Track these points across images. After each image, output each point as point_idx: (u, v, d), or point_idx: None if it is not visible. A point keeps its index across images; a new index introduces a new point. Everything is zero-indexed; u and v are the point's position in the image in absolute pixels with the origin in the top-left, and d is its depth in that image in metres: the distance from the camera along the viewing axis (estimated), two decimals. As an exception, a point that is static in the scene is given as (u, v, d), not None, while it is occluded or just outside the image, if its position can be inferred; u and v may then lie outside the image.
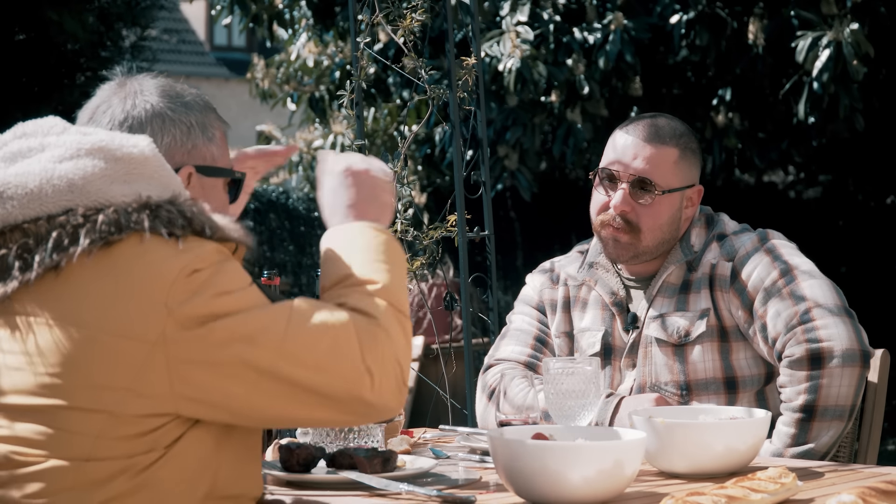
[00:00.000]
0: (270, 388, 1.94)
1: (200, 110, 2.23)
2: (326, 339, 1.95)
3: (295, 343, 1.94)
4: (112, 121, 2.17)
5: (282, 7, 9.26)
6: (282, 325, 1.94)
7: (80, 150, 2.00)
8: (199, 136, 2.21)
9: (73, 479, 1.89)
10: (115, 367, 1.89)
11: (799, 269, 2.99)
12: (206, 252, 1.97)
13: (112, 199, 1.97)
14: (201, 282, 1.93)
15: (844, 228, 11.59)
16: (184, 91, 2.23)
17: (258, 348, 1.92)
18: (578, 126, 8.15)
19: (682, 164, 3.09)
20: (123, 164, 2.00)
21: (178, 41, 24.24)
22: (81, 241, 1.92)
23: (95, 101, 2.21)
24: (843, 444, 3.00)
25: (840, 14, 7.34)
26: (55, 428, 1.89)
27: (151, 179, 2.01)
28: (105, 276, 1.93)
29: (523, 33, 7.70)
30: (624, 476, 2.23)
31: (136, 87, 2.21)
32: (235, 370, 1.92)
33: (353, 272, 2.06)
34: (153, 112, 2.18)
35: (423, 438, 3.01)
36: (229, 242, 2.03)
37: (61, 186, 1.96)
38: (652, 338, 3.07)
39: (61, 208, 1.96)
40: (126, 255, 1.94)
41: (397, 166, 3.92)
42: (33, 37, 7.97)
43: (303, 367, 1.94)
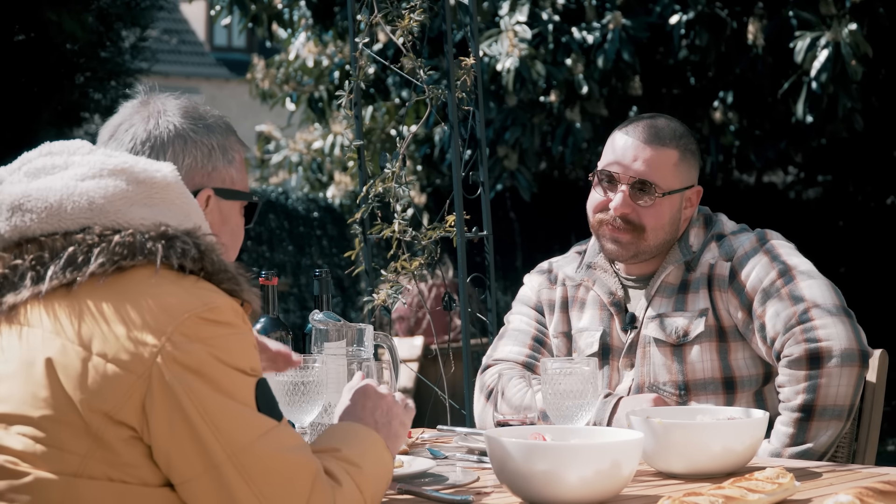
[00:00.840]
0: (206, 487, 1.89)
1: (222, 133, 2.23)
2: (285, 474, 1.92)
3: (253, 458, 1.90)
4: (134, 139, 2.17)
5: (281, 7, 9.26)
6: (253, 436, 1.91)
7: (102, 170, 2.00)
8: (219, 158, 2.22)
9: (62, 495, 1.87)
10: (102, 391, 1.87)
11: (797, 270, 2.99)
12: (217, 304, 1.94)
13: (131, 221, 1.97)
14: (205, 335, 1.91)
15: (844, 229, 11.60)
16: (206, 113, 2.24)
17: (217, 441, 1.88)
18: (577, 126, 8.15)
19: (681, 166, 3.09)
20: (145, 187, 2.00)
21: (178, 42, 24.24)
22: (94, 261, 1.92)
23: (117, 119, 2.22)
24: (842, 445, 3.00)
25: (839, 14, 7.34)
26: (45, 442, 1.88)
27: (172, 206, 2.01)
28: (111, 301, 1.91)
29: (522, 33, 7.70)
30: (621, 476, 2.23)
31: (160, 107, 2.21)
32: (187, 447, 1.88)
33: (344, 450, 2.05)
34: (176, 133, 2.18)
35: (420, 439, 3.01)
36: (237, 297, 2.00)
37: (81, 204, 1.96)
38: (650, 338, 3.06)
39: (79, 226, 1.96)
40: (135, 284, 1.93)
41: (396, 166, 3.92)
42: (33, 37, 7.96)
43: (247, 485, 1.90)
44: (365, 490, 2.02)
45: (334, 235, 12.67)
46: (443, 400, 3.95)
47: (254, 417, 1.92)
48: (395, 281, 3.93)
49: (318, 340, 2.72)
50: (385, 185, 3.94)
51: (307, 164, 10.79)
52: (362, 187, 4.03)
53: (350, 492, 1.99)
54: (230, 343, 1.93)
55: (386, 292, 3.91)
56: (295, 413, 2.52)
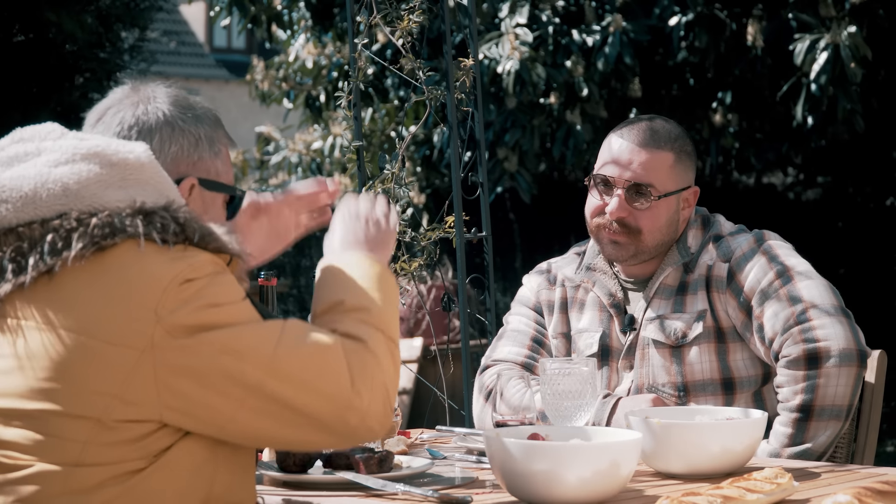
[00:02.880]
0: (256, 406, 1.93)
1: (210, 124, 2.22)
2: (316, 360, 1.95)
3: (284, 362, 1.94)
4: (122, 124, 2.16)
5: (280, 8, 9.26)
6: (272, 342, 1.94)
7: (75, 155, 2.00)
8: (205, 149, 2.21)
9: (62, 485, 1.88)
10: (103, 372, 1.89)
11: (795, 270, 2.99)
12: (199, 262, 1.97)
13: (106, 204, 1.97)
14: (193, 291, 1.93)
15: (844, 230, 11.60)
16: (196, 104, 2.23)
17: (246, 364, 1.92)
18: (578, 127, 8.15)
19: (677, 168, 3.09)
20: (119, 169, 2.00)
21: (178, 43, 24.24)
22: (74, 245, 1.92)
23: (106, 104, 2.21)
24: (840, 445, 3.00)
25: (838, 16, 7.34)
26: (44, 433, 1.89)
27: (147, 185, 2.01)
28: (97, 282, 1.92)
29: (522, 35, 7.70)
30: (620, 476, 2.23)
31: (150, 94, 2.20)
32: (222, 384, 1.92)
33: (346, 299, 2.07)
34: (164, 120, 2.17)
35: (420, 439, 3.01)
36: (224, 254, 2.02)
37: (56, 191, 1.96)
38: (649, 339, 3.07)
39: (55, 212, 1.96)
40: (119, 261, 1.94)
41: (395, 167, 3.92)
42: (32, 38, 7.96)
43: (290, 386, 1.93)
44: (385, 327, 2.05)
45: (334, 236, 12.64)
46: (442, 401, 3.95)
47: (264, 327, 1.96)
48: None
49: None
50: (384, 186, 3.94)
51: (306, 165, 10.78)
52: (361, 188, 4.03)
53: (375, 341, 2.02)
54: (217, 287, 1.95)
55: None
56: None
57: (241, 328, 1.94)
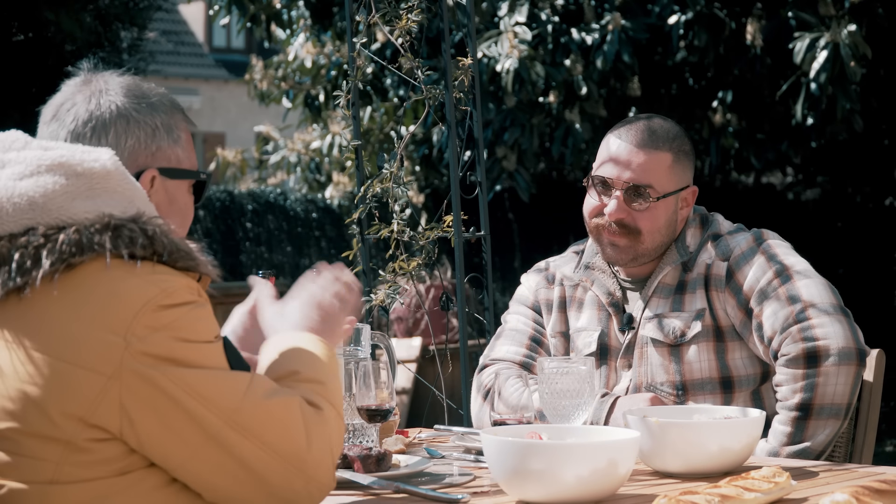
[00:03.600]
0: (210, 456, 1.90)
1: (166, 111, 2.18)
2: (278, 418, 1.93)
3: (247, 415, 1.91)
4: (76, 120, 2.12)
5: (280, 7, 9.26)
6: (238, 393, 1.92)
7: (40, 167, 1.95)
8: (164, 137, 2.17)
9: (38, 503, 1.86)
10: (71, 396, 1.85)
11: (794, 269, 2.99)
12: (175, 287, 1.93)
13: (74, 216, 1.93)
14: (167, 322, 1.90)
15: (843, 230, 11.60)
16: (150, 91, 2.19)
17: (209, 411, 1.89)
18: (577, 126, 8.15)
19: (676, 168, 3.08)
20: (85, 179, 1.96)
21: (177, 43, 24.24)
22: (43, 264, 1.88)
23: (59, 98, 2.16)
24: (839, 444, 3.00)
25: (838, 15, 7.33)
26: (16, 453, 1.86)
27: (114, 194, 1.97)
28: (67, 301, 1.89)
29: (521, 34, 7.70)
30: (618, 475, 2.23)
31: (102, 86, 2.16)
32: (181, 427, 1.89)
33: (302, 370, 2.06)
34: (118, 113, 2.13)
35: (417, 438, 3.01)
36: (193, 272, 1.99)
37: (22, 205, 1.92)
38: (648, 338, 3.06)
39: (22, 227, 1.92)
40: (88, 280, 1.91)
41: (393, 166, 3.92)
42: (31, 37, 7.96)
43: (249, 441, 1.91)
44: (336, 403, 2.05)
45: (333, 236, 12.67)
46: (440, 400, 3.95)
47: (232, 377, 1.93)
48: (392, 281, 3.93)
49: (315, 340, 2.71)
50: (383, 185, 3.94)
51: (305, 164, 10.78)
52: (360, 187, 4.03)
53: (328, 412, 2.01)
54: (191, 321, 1.92)
55: (384, 293, 3.91)
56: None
57: (210, 373, 1.91)
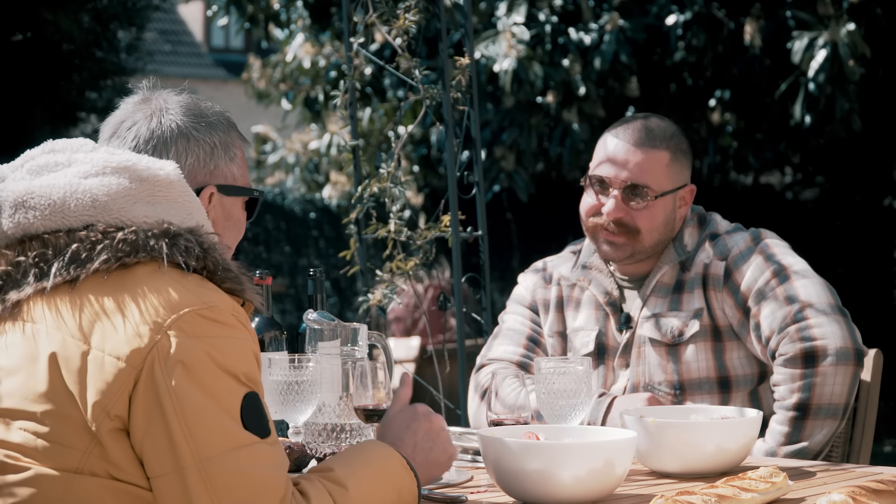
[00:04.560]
0: (169, 488, 1.87)
1: (224, 130, 2.23)
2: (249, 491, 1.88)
3: (220, 470, 1.87)
4: (137, 138, 2.17)
5: (278, 7, 9.25)
6: (226, 446, 1.88)
7: (105, 168, 2.00)
8: (221, 156, 2.21)
9: (62, 491, 1.87)
10: (101, 385, 1.88)
11: (792, 269, 2.99)
12: (219, 304, 1.94)
13: (134, 219, 1.98)
14: (202, 332, 1.90)
15: (841, 230, 11.59)
16: (207, 109, 2.23)
17: (187, 444, 1.87)
18: (575, 126, 8.15)
19: (673, 167, 3.08)
20: (148, 185, 2.00)
21: (176, 43, 24.25)
22: (97, 258, 1.93)
23: (119, 116, 2.21)
24: (836, 444, 3.00)
25: (836, 15, 7.33)
26: (47, 438, 1.88)
27: (175, 203, 2.01)
28: (114, 296, 1.92)
29: (519, 34, 7.70)
30: (614, 475, 2.23)
31: (162, 105, 2.20)
32: (159, 440, 1.87)
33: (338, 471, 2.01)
34: (178, 132, 2.18)
35: (415, 438, 3.00)
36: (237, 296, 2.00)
37: (84, 201, 1.97)
38: (645, 338, 3.06)
39: (82, 223, 1.97)
40: (138, 281, 1.94)
41: (391, 167, 3.92)
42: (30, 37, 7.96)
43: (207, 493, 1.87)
44: None
45: (331, 236, 12.66)
46: (438, 400, 3.95)
47: (231, 428, 1.89)
48: (390, 281, 3.93)
49: (312, 340, 2.72)
50: (380, 185, 3.94)
51: (304, 164, 10.78)
52: (357, 187, 4.03)
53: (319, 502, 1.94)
54: (227, 344, 1.92)
55: (381, 292, 3.91)
56: (289, 412, 2.52)
57: (213, 409, 1.88)
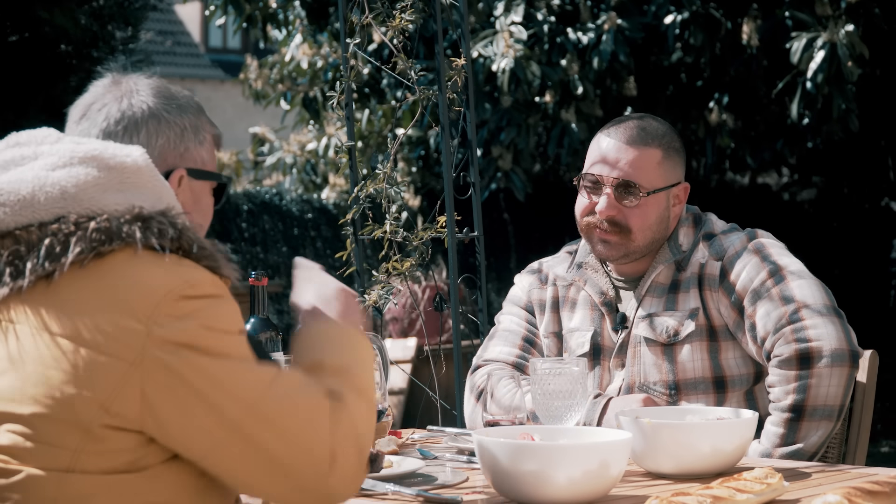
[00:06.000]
0: (232, 447, 1.90)
1: (194, 113, 2.21)
2: (301, 413, 1.92)
3: (270, 406, 1.90)
4: (107, 119, 2.15)
5: (276, 7, 9.25)
6: (262, 386, 1.91)
7: (73, 159, 1.99)
8: (191, 138, 2.20)
9: (55, 491, 1.86)
10: (92, 381, 1.86)
11: (788, 270, 2.99)
12: (198, 279, 1.94)
13: (105, 207, 1.96)
14: (189, 310, 1.90)
15: (838, 230, 11.59)
16: (178, 93, 2.22)
17: (230, 400, 1.89)
18: (573, 126, 8.15)
19: (665, 164, 3.09)
20: (116, 172, 1.99)
21: (173, 43, 24.24)
22: (72, 250, 1.91)
23: (89, 98, 2.19)
24: (832, 445, 3.00)
25: (834, 15, 7.34)
26: (35, 440, 1.87)
27: (144, 189, 2.00)
28: (93, 288, 1.91)
29: (517, 33, 7.70)
30: (610, 476, 2.23)
31: (132, 87, 2.19)
32: (201, 417, 1.88)
33: (326, 360, 2.06)
34: (149, 113, 2.16)
35: (410, 439, 3.01)
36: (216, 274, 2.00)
37: (54, 194, 1.95)
38: (641, 337, 3.06)
39: (53, 216, 1.95)
40: (115, 269, 1.92)
41: (387, 167, 3.92)
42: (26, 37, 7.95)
43: (271, 432, 1.90)
44: (362, 388, 2.04)
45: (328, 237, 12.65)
46: (434, 401, 3.94)
47: (257, 370, 1.92)
48: (386, 282, 3.92)
49: (307, 341, 2.71)
50: (377, 185, 3.93)
51: (301, 165, 10.77)
52: (353, 188, 4.03)
53: (353, 402, 1.99)
54: (216, 311, 1.93)
55: (377, 293, 3.90)
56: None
57: (233, 363, 1.91)
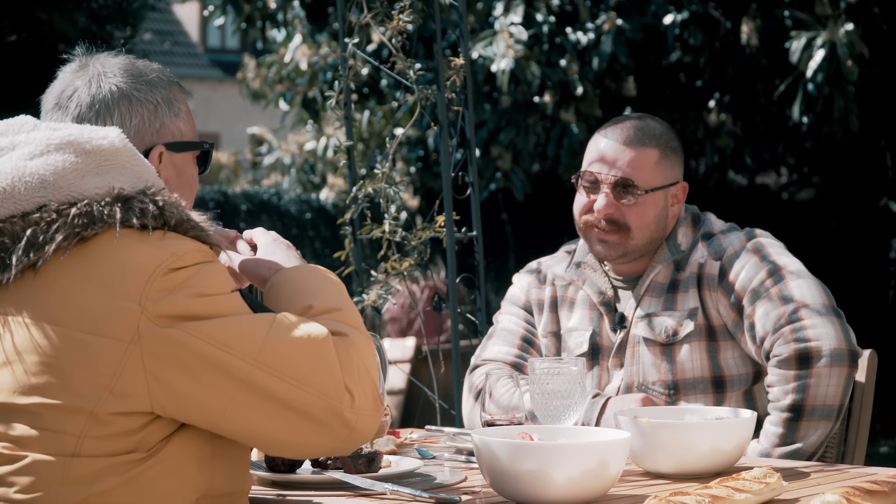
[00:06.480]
0: (246, 401, 1.92)
1: (165, 86, 2.20)
2: (307, 353, 1.93)
3: (273, 353, 1.92)
4: (79, 105, 2.14)
5: (275, 8, 9.25)
6: (260, 335, 1.93)
7: (49, 146, 1.99)
8: (166, 113, 2.19)
9: (60, 475, 1.89)
10: (93, 365, 1.88)
11: (787, 269, 2.99)
12: (184, 250, 1.96)
13: (85, 192, 1.97)
14: (179, 281, 1.92)
15: (837, 230, 11.59)
16: (146, 68, 2.21)
17: (234, 356, 1.91)
18: (572, 126, 8.15)
19: (663, 164, 3.09)
20: (94, 156, 2.00)
21: (172, 43, 24.23)
22: (56, 238, 1.92)
23: (59, 86, 2.19)
24: (831, 445, 3.00)
25: (834, 15, 7.34)
26: (40, 427, 1.89)
27: (124, 170, 2.01)
28: (80, 273, 1.92)
29: (517, 34, 7.70)
30: (608, 476, 2.22)
31: (100, 69, 2.17)
32: (210, 378, 1.90)
33: (314, 303, 2.07)
34: (119, 94, 2.15)
35: (409, 439, 3.00)
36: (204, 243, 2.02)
37: (33, 183, 1.96)
38: (640, 337, 3.06)
39: (35, 205, 1.96)
40: (101, 252, 1.94)
41: (385, 167, 3.91)
42: (24, 38, 7.95)
43: (280, 380, 1.92)
44: (357, 324, 2.06)
45: (327, 237, 12.65)
46: (433, 401, 3.94)
47: (253, 320, 1.94)
48: (385, 282, 3.92)
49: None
50: (375, 185, 3.93)
51: (299, 165, 10.78)
52: (352, 188, 4.03)
53: (354, 336, 2.01)
54: (204, 276, 1.94)
55: (376, 293, 3.90)
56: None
57: (229, 319, 1.93)
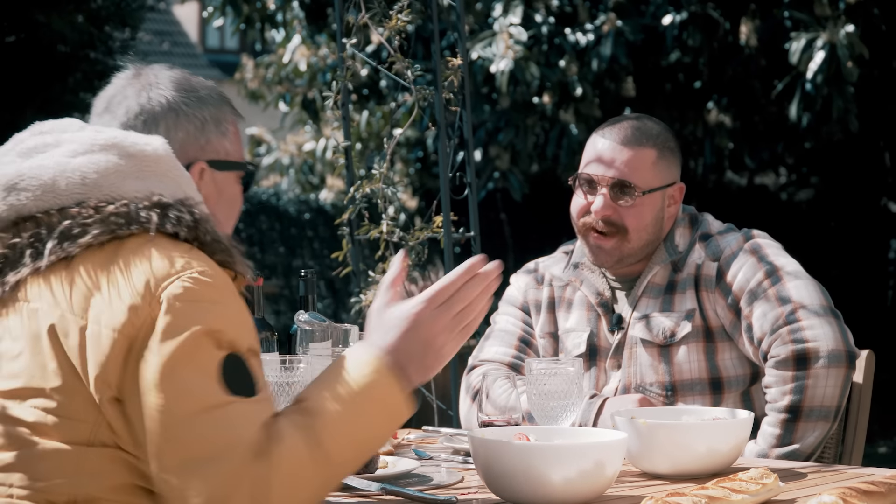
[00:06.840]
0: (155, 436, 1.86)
1: (215, 104, 2.23)
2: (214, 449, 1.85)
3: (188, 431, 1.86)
4: (127, 113, 2.17)
5: (274, 8, 9.25)
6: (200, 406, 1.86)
7: (93, 146, 2.03)
8: (212, 130, 2.21)
9: (75, 464, 1.89)
10: (102, 358, 1.89)
11: (784, 270, 2.98)
12: (209, 272, 1.94)
13: (124, 193, 2.00)
14: (194, 297, 1.91)
15: (836, 231, 11.59)
16: (199, 84, 2.23)
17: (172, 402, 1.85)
18: (571, 127, 8.15)
19: (660, 164, 3.09)
20: (136, 160, 2.02)
21: (171, 43, 24.23)
22: (90, 233, 1.95)
23: (111, 91, 2.22)
24: (829, 446, 3.00)
25: (833, 15, 7.34)
26: (56, 414, 1.90)
27: (164, 177, 2.03)
28: (109, 269, 1.94)
29: (516, 35, 7.70)
30: (605, 477, 2.22)
31: (152, 79, 2.21)
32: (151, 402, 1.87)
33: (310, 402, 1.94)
34: (168, 106, 2.18)
35: (406, 439, 3.00)
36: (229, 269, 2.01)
37: (74, 180, 1.99)
38: (637, 338, 3.06)
39: (74, 201, 1.99)
40: (131, 251, 1.95)
41: (383, 168, 3.91)
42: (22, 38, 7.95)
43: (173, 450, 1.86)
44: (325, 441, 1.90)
45: (326, 237, 12.65)
46: (430, 401, 3.94)
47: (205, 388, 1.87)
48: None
49: (303, 341, 2.71)
50: (373, 185, 3.93)
51: (298, 166, 10.77)
52: (350, 188, 4.03)
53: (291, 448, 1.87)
54: (215, 310, 1.92)
55: (374, 293, 3.90)
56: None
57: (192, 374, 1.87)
